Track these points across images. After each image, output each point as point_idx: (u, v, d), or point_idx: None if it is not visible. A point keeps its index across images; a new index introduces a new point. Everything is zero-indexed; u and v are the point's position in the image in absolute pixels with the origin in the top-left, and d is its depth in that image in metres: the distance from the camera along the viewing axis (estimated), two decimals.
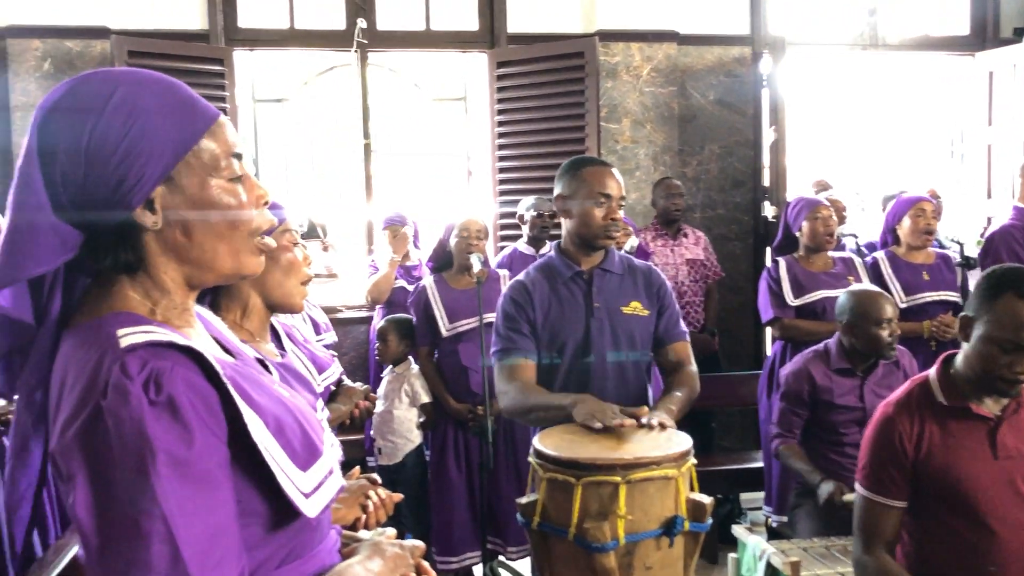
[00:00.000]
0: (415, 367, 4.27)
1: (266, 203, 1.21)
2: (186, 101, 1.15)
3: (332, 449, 1.27)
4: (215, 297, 2.05)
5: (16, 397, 1.16)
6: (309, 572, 1.20)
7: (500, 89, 5.71)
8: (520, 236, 5.03)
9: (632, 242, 4.47)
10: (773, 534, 3.83)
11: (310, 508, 1.15)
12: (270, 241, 1.23)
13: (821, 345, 3.47)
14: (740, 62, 5.99)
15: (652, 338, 2.83)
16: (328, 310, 4.78)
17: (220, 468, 1.06)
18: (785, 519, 3.71)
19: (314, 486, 1.17)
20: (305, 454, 1.17)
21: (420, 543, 1.38)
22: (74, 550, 2.40)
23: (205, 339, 1.23)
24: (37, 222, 1.08)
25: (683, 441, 2.31)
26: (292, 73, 6.17)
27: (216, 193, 1.15)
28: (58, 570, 2.33)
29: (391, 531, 1.44)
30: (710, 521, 2.26)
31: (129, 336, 1.06)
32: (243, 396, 1.10)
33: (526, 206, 4.93)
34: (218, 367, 1.09)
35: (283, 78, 6.22)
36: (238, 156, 1.18)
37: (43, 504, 3.42)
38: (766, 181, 5.82)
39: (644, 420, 2.40)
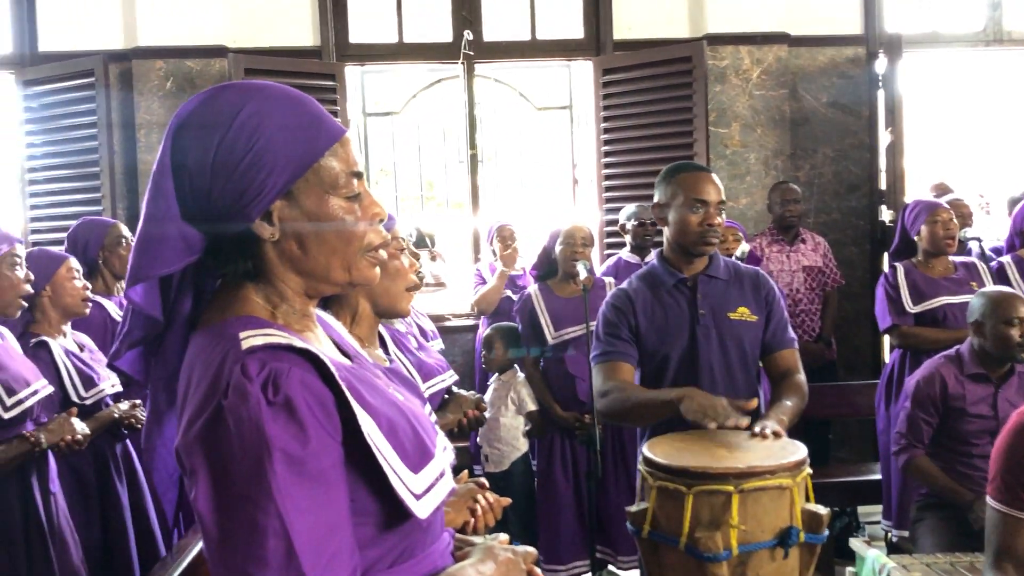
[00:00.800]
0: (521, 375, 4.29)
1: (381, 220, 1.24)
2: (312, 118, 1.19)
3: (444, 452, 1.29)
4: (326, 304, 2.10)
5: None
6: (421, 573, 1.21)
7: (606, 96, 5.70)
8: (624, 244, 5.00)
9: (743, 248, 4.39)
10: (893, 549, 3.70)
11: (421, 509, 1.16)
12: (383, 254, 1.25)
13: (953, 350, 3.33)
14: (854, 62, 5.82)
15: (761, 345, 2.77)
16: (436, 318, 4.84)
17: (334, 467, 1.08)
18: (906, 533, 3.57)
19: (425, 487, 1.18)
20: (416, 456, 1.19)
21: (532, 549, 1.38)
22: (196, 550, 2.49)
23: (324, 342, 1.27)
24: (167, 229, 1.14)
25: (798, 450, 2.25)
26: (401, 86, 6.28)
27: (333, 210, 1.18)
28: (180, 569, 2.41)
29: (504, 536, 1.44)
30: (826, 533, 2.19)
31: (250, 338, 1.10)
32: (357, 398, 1.13)
33: (626, 215, 4.90)
34: (333, 369, 1.12)
35: (392, 91, 6.34)
36: (358, 175, 1.21)
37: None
38: (882, 184, 5.64)
39: (757, 429, 2.35)
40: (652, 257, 2.91)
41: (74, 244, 3.75)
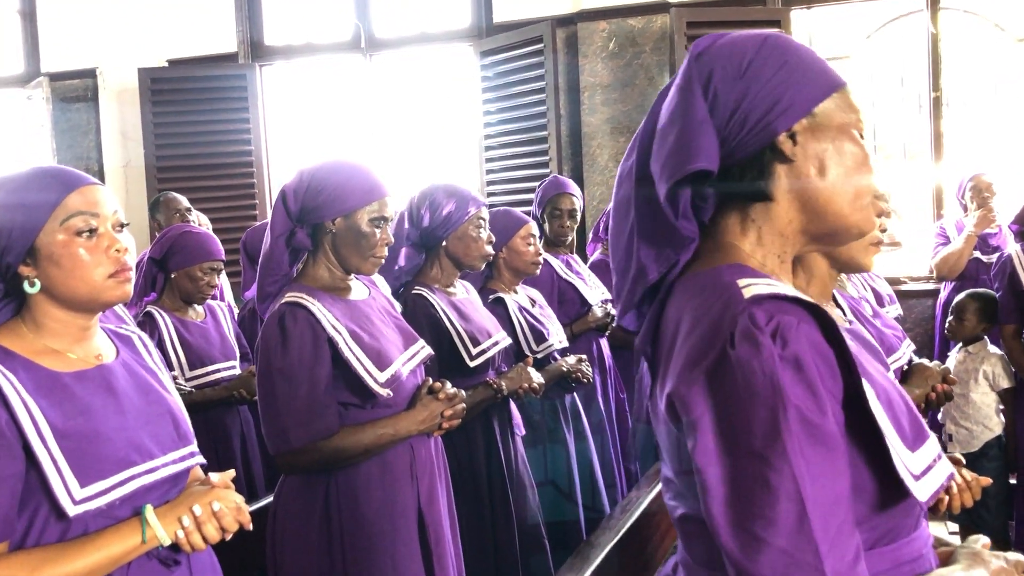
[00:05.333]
0: (992, 348, 3.92)
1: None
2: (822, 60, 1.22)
3: (931, 433, 1.21)
4: None
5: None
6: (904, 559, 1.15)
7: None
8: None
9: None
10: None
11: (921, 491, 1.10)
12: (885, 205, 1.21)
13: None
14: None
15: None
16: (891, 281, 4.57)
17: (840, 434, 1.05)
18: None
19: (923, 468, 1.11)
20: (913, 433, 1.12)
21: (1022, 557, 1.24)
22: (644, 504, 2.60)
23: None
24: (701, 127, 1.17)
25: None
26: (852, 28, 5.96)
27: (849, 140, 1.18)
28: (628, 524, 2.54)
29: (986, 539, 1.31)
30: None
31: (752, 287, 1.10)
32: (856, 362, 1.08)
33: None
34: (840, 328, 1.08)
35: (843, 34, 6.05)
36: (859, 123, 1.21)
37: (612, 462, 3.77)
38: None
39: None
40: None
41: (538, 196, 4.15)
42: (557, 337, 3.37)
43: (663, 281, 1.23)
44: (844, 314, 2.25)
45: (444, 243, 2.93)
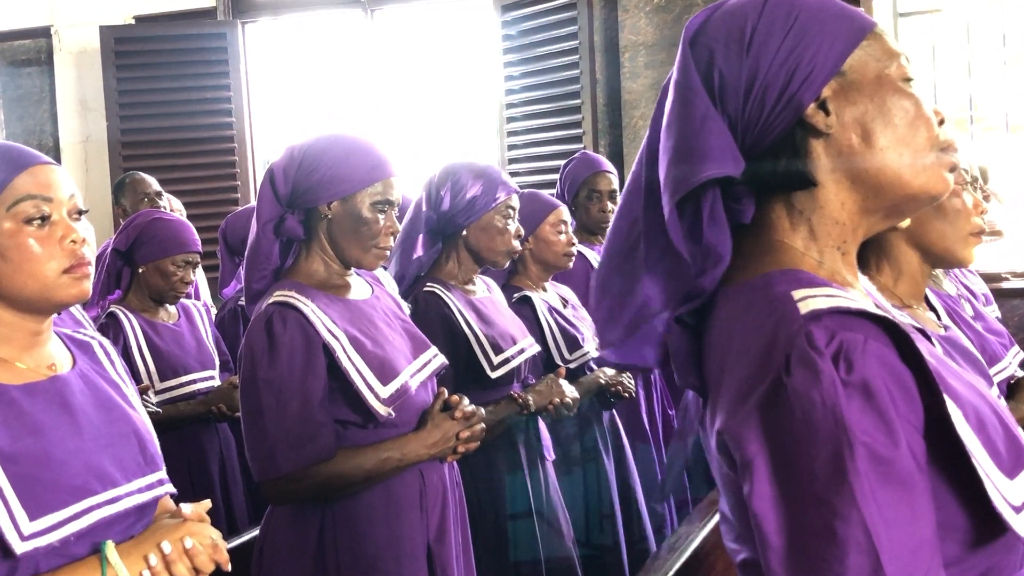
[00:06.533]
0: None
1: (941, 122, 1.19)
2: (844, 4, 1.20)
3: None
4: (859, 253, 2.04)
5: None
6: None
7: None
8: None
9: None
10: None
11: (1023, 525, 1.07)
12: (954, 158, 1.19)
13: None
14: None
15: None
16: (988, 277, 4.52)
17: (920, 469, 1.03)
18: None
19: None
20: (1011, 457, 1.10)
21: None
22: (695, 544, 2.58)
23: (868, 300, 1.22)
24: (709, 126, 1.16)
25: None
26: None
27: (894, 91, 1.16)
28: (675, 569, 2.51)
29: None
30: None
31: (810, 300, 1.08)
32: (939, 380, 1.06)
33: None
34: (919, 344, 1.06)
35: None
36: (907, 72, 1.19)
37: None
38: None
39: None
40: None
41: (562, 180, 4.14)
42: (592, 345, 3.34)
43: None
44: (939, 317, 2.22)
45: (464, 232, 2.91)
